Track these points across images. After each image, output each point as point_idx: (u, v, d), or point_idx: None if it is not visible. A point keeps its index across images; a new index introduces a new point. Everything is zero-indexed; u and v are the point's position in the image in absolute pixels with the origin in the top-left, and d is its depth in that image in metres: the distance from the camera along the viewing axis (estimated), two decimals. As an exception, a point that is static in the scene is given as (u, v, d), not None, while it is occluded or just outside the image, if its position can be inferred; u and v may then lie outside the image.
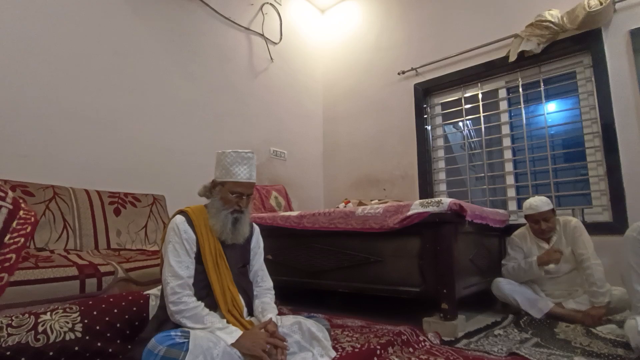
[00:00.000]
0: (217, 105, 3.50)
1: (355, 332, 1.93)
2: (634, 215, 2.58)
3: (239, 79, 3.73)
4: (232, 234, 1.51)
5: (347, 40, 4.51)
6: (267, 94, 3.99)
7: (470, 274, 2.38)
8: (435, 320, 2.04)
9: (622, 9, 2.76)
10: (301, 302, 2.69)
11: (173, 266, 1.37)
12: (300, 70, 4.46)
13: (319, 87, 4.66)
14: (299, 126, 4.35)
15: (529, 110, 3.31)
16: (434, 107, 3.84)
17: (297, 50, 4.44)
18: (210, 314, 1.35)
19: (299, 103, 4.38)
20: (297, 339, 1.43)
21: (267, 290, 1.65)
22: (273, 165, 3.97)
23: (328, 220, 2.51)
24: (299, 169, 4.26)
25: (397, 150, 3.91)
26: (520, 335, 2.00)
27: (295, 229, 2.67)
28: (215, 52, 3.54)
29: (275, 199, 3.70)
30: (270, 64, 4.07)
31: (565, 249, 2.44)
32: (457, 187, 3.64)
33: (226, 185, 1.50)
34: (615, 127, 2.74)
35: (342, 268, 2.46)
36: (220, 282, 1.45)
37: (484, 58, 3.37)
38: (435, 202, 2.09)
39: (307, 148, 4.42)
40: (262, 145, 3.87)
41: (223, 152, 1.52)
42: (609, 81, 2.79)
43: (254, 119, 3.82)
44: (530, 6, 3.10)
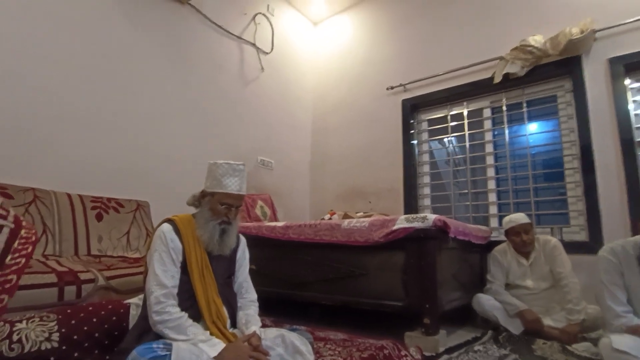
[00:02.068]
0: (207, 112, 3.49)
1: (337, 346, 1.93)
2: (609, 235, 2.67)
3: (229, 87, 3.73)
4: (219, 245, 1.50)
5: (338, 54, 4.58)
6: (257, 103, 4.00)
7: (453, 289, 2.41)
8: (417, 334, 2.05)
9: (601, 37, 2.89)
10: (284, 314, 2.67)
11: (158, 275, 1.36)
12: (291, 81, 4.49)
13: (309, 98, 4.70)
14: (287, 136, 4.36)
15: (512, 130, 3.40)
16: (421, 123, 3.91)
17: (289, 60, 4.48)
18: (193, 325, 1.33)
19: (288, 113, 4.40)
20: (280, 352, 1.42)
21: (251, 302, 1.64)
22: (260, 174, 3.97)
23: (314, 232, 2.52)
24: (286, 179, 4.26)
25: (383, 163, 3.96)
26: (499, 351, 2.03)
27: (280, 239, 2.66)
28: (207, 59, 3.54)
29: (261, 208, 3.69)
30: (261, 74, 4.09)
31: (544, 266, 2.51)
32: (441, 202, 3.70)
33: (216, 196, 1.50)
34: (592, 150, 2.84)
35: (326, 280, 2.47)
36: (205, 293, 1.44)
37: (470, 78, 3.47)
38: (420, 217, 2.12)
39: (294, 158, 4.43)
40: (250, 154, 3.86)
41: (215, 163, 1.52)
42: (587, 106, 2.90)
43: (243, 127, 3.82)
44: (516, 31, 3.21)
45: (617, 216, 2.69)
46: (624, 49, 2.79)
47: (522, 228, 2.54)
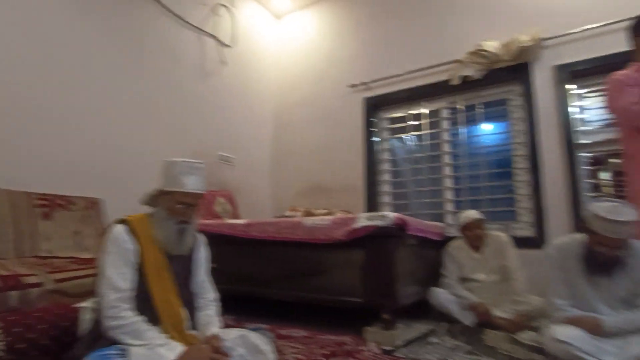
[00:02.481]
0: (164, 105, 3.36)
1: (299, 343, 1.95)
2: (553, 231, 2.87)
3: (188, 80, 3.62)
4: (177, 245, 1.47)
5: (301, 49, 4.56)
6: (217, 97, 3.91)
7: (410, 284, 2.49)
8: (376, 329, 2.11)
9: (548, 46, 3.08)
10: (245, 312, 2.66)
11: (111, 278, 1.30)
12: (253, 75, 4.42)
13: (271, 93, 4.65)
14: (249, 131, 4.30)
15: (468, 131, 3.55)
16: (382, 121, 3.99)
17: (250, 54, 4.40)
18: (150, 329, 1.29)
19: (250, 108, 4.34)
20: (241, 353, 1.41)
21: (211, 301, 1.61)
22: (220, 170, 3.89)
23: (276, 230, 2.51)
24: (247, 175, 4.21)
25: (345, 160, 4.00)
26: (453, 342, 2.14)
27: (242, 237, 2.63)
28: (164, 50, 3.41)
29: (222, 204, 3.62)
30: (222, 67, 3.99)
31: (494, 260, 2.67)
32: (400, 199, 3.81)
33: (172, 195, 1.45)
34: (539, 151, 3.03)
35: (288, 277, 2.48)
36: (163, 295, 1.40)
37: (430, 79, 3.58)
38: (380, 216, 2.18)
39: (256, 154, 4.38)
40: (210, 149, 3.77)
41: (172, 161, 1.47)
42: (535, 109, 3.09)
43: (202, 121, 3.72)
44: (472, 35, 3.35)
45: (560, 213, 2.90)
46: (569, 58, 2.99)
47: (475, 224, 2.68)
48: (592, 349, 1.65)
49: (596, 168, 3.02)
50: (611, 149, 2.84)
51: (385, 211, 3.69)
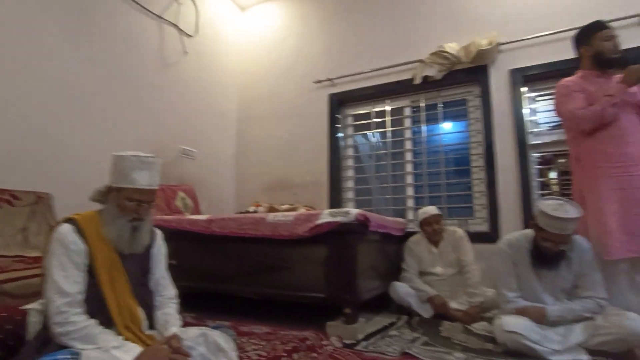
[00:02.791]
0: (121, 96, 3.21)
1: (261, 340, 1.94)
2: (505, 226, 3.03)
3: (147, 69, 3.47)
4: (130, 244, 1.40)
5: (266, 42, 4.50)
6: (178, 88, 3.78)
7: (372, 278, 2.55)
8: (338, 324, 2.14)
9: (505, 50, 3.22)
10: (206, 309, 2.61)
11: (58, 282, 1.23)
12: (216, 67, 4.31)
13: (234, 85, 4.56)
14: (211, 124, 4.20)
15: (429, 129, 3.66)
16: (347, 118, 4.03)
17: (214, 45, 4.29)
18: (104, 332, 1.24)
19: (212, 100, 4.23)
20: (202, 352, 1.38)
21: (170, 299, 1.57)
22: (181, 164, 3.77)
23: (238, 226, 2.48)
24: (209, 169, 4.11)
25: (309, 156, 4.01)
26: (412, 334, 2.20)
27: (203, 233, 2.58)
28: (121, 37, 3.24)
29: (182, 199, 3.52)
30: (183, 57, 3.86)
31: (451, 254, 2.79)
32: (363, 195, 3.87)
33: (123, 192, 1.37)
34: (494, 150, 3.18)
35: (250, 274, 2.46)
36: (116, 296, 1.34)
37: (393, 77, 3.65)
38: (343, 212, 2.20)
39: (219, 147, 4.29)
40: (171, 142, 3.65)
41: (121, 156, 1.38)
42: (491, 110, 3.23)
43: (162, 113, 3.58)
44: (435, 36, 3.45)
45: (512, 210, 3.06)
46: (523, 62, 3.15)
47: (434, 219, 2.79)
48: (538, 337, 1.78)
49: (545, 167, 3.22)
50: (559, 150, 3.04)
51: (349, 207, 3.75)
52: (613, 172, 2.04)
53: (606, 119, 2.06)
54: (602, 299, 1.87)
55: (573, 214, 1.80)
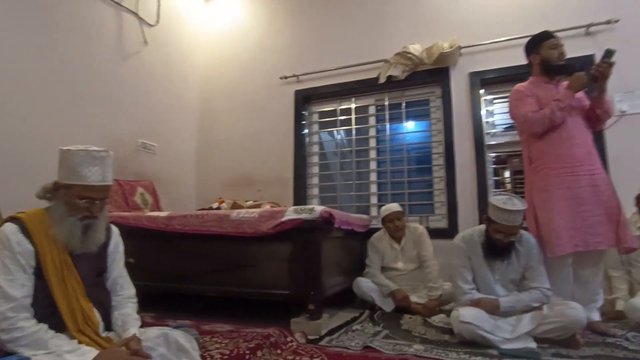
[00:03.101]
0: (75, 87, 3.03)
1: (224, 338, 1.92)
2: (463, 223, 3.16)
3: (104, 59, 3.30)
4: (82, 243, 1.33)
5: (231, 35, 4.40)
6: (137, 80, 3.63)
7: (336, 274, 2.59)
8: (302, 320, 2.16)
9: (465, 54, 3.35)
10: (167, 308, 2.54)
11: (3, 286, 1.15)
12: (178, 58, 4.17)
13: (197, 78, 4.43)
14: (172, 118, 4.07)
15: (392, 128, 3.75)
16: (312, 115, 4.03)
17: (176, 35, 4.15)
18: (56, 337, 1.17)
19: (174, 93, 4.10)
20: (162, 353, 1.34)
21: (128, 299, 1.51)
22: (140, 159, 3.63)
23: (200, 223, 2.43)
24: (170, 164, 3.99)
25: (274, 152, 3.98)
26: (374, 328, 2.26)
27: (163, 230, 2.50)
28: (76, 25, 3.06)
29: (141, 195, 3.39)
30: (143, 47, 3.71)
31: (412, 250, 2.88)
32: (328, 192, 3.90)
33: (73, 189, 1.30)
34: (454, 150, 3.31)
35: (213, 272, 2.42)
36: (68, 298, 1.27)
37: (359, 76, 3.69)
38: (308, 209, 2.21)
39: (180, 142, 4.16)
40: (129, 136, 3.50)
41: (68, 150, 1.30)
42: (452, 111, 3.35)
43: (120, 106, 3.42)
44: (399, 37, 3.53)
45: (469, 206, 3.20)
46: (481, 66, 3.30)
47: (395, 215, 2.87)
48: (491, 327, 1.90)
49: (500, 167, 3.38)
50: (513, 150, 3.21)
51: (314, 203, 3.78)
52: (561, 172, 2.18)
53: (555, 122, 2.20)
54: (547, 289, 2.03)
55: (519, 207, 1.97)
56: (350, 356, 1.76)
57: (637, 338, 1.99)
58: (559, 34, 2.56)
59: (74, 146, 1.31)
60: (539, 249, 2.12)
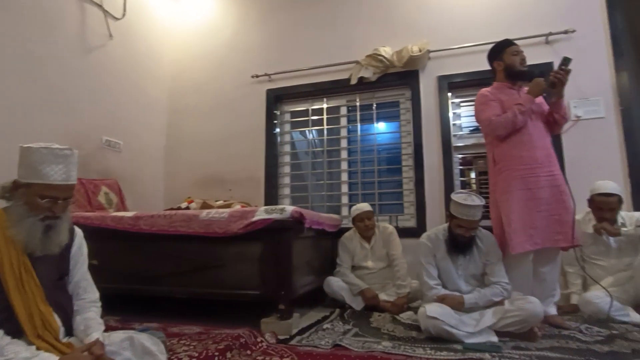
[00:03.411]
0: (34, 80, 2.87)
1: (192, 340, 1.89)
2: (431, 222, 3.24)
3: (66, 53, 3.15)
4: (42, 245, 1.28)
5: (201, 32, 4.32)
6: (102, 75, 3.49)
7: (306, 274, 2.60)
8: (272, 320, 2.15)
9: (434, 58, 3.44)
10: (132, 311, 2.47)
11: None
12: (146, 54, 4.05)
13: (166, 75, 4.32)
14: (139, 115, 3.94)
15: (363, 128, 3.80)
16: (284, 114, 4.02)
17: (143, 30, 4.02)
18: (13, 343, 1.12)
19: (141, 90, 3.98)
20: (127, 357, 1.31)
21: (91, 303, 1.46)
22: (105, 156, 3.50)
23: (168, 223, 2.38)
24: (136, 162, 3.86)
25: (245, 151, 3.94)
26: (344, 327, 2.28)
27: (129, 231, 2.43)
28: (36, 14, 2.90)
29: (106, 195, 3.27)
30: (108, 41, 3.58)
31: (382, 249, 2.94)
32: (299, 191, 3.90)
33: (33, 188, 1.25)
34: (422, 151, 3.39)
35: (181, 273, 2.37)
36: (26, 302, 1.22)
37: (331, 76, 3.72)
38: (278, 209, 2.21)
39: (147, 140, 4.04)
40: (92, 133, 3.37)
41: (29, 148, 1.25)
42: (421, 113, 3.44)
43: (83, 101, 3.28)
44: (371, 39, 3.58)
45: (437, 206, 3.29)
46: (449, 70, 3.40)
47: (366, 215, 2.92)
48: (455, 322, 1.97)
49: (466, 168, 3.50)
50: (478, 152, 3.33)
51: (285, 203, 3.78)
52: (523, 173, 2.29)
53: (517, 125, 2.31)
54: (507, 283, 2.14)
55: (478, 202, 2.10)
56: (320, 355, 1.77)
57: (589, 330, 2.12)
58: (521, 41, 2.69)
59: (36, 144, 1.27)
60: (497, 246, 2.24)
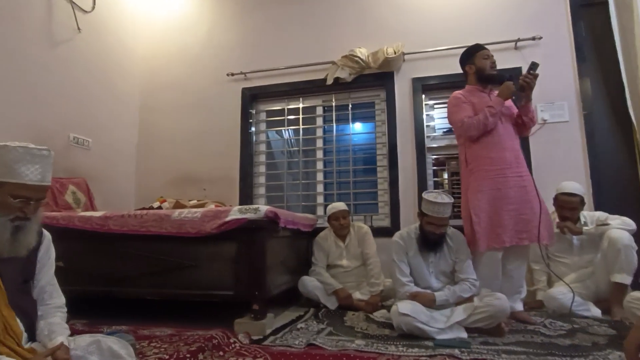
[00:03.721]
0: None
1: (164, 343, 1.85)
2: (405, 222, 3.29)
3: (31, 45, 3.01)
4: (10, 246, 1.24)
5: (176, 27, 4.22)
6: (70, 69, 3.37)
7: (281, 274, 2.59)
8: (246, 320, 2.14)
9: (408, 60, 3.50)
10: (100, 314, 2.39)
11: None
12: (117, 49, 3.93)
13: (138, 71, 4.21)
14: (109, 111, 3.82)
15: (339, 129, 3.82)
16: (260, 113, 3.99)
17: (114, 25, 3.90)
18: (-30, 348, 1.07)
19: (112, 86, 3.86)
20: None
21: (57, 308, 1.41)
22: (72, 154, 3.37)
23: (139, 224, 2.32)
24: (106, 161, 3.75)
25: (220, 150, 3.89)
26: (318, 326, 2.29)
27: (98, 231, 2.36)
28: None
29: (73, 194, 3.16)
30: (76, 35, 3.45)
31: (356, 248, 2.97)
32: (275, 191, 3.89)
33: (5, 187, 1.22)
34: (397, 151, 3.45)
35: (153, 274, 2.32)
36: (-13, 306, 1.17)
37: (307, 76, 3.72)
38: (252, 209, 2.19)
39: (118, 137, 3.93)
40: (59, 130, 3.24)
41: (5, 146, 1.22)
42: (395, 114, 3.49)
43: (49, 97, 3.15)
44: (347, 40, 3.61)
45: (411, 206, 3.34)
46: (423, 72, 3.46)
47: (341, 214, 2.94)
48: (427, 319, 2.03)
49: (439, 168, 3.58)
50: (450, 153, 3.41)
51: (260, 203, 3.76)
52: (493, 174, 2.37)
53: (488, 127, 2.38)
54: (475, 279, 2.22)
55: (447, 200, 2.18)
56: (294, 354, 1.77)
57: (553, 324, 2.21)
58: (492, 46, 2.78)
59: (12, 142, 1.24)
60: (467, 244, 2.32)
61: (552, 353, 1.74)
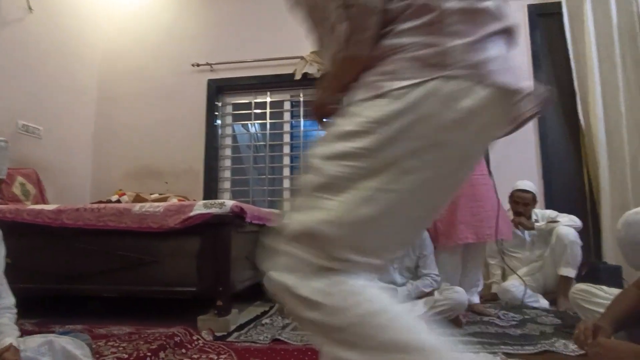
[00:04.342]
0: None
1: (122, 341, 1.78)
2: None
3: (-26, 23, 2.80)
4: None
5: (136, 13, 4.04)
6: (19, 52, 3.14)
7: (246, 269, 2.56)
8: (209, 317, 2.10)
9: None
10: (53, 313, 2.27)
11: None
12: (73, 33, 3.71)
13: (96, 58, 3.99)
14: (63, 99, 3.61)
15: (307, 124, 3.81)
16: (226, 106, 3.92)
17: (70, 7, 3.67)
18: None
19: (66, 72, 3.64)
20: (47, 362, 1.21)
21: (6, 309, 1.33)
22: (21, 143, 3.15)
23: (96, 218, 2.21)
24: (59, 151, 3.54)
25: (183, 143, 3.78)
26: (283, 321, 2.28)
27: (50, 225, 2.23)
28: None
29: (22, 185, 2.97)
30: (27, 15, 3.21)
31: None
32: (240, 185, 3.83)
33: None
34: (363, 148, 3.49)
35: (111, 270, 2.22)
36: None
37: (275, 70, 3.68)
38: (218, 203, 2.15)
39: (73, 126, 3.71)
40: (6, 116, 3.02)
41: None
42: (362, 111, 3.53)
43: (-4, 80, 2.94)
44: (315, 35, 3.59)
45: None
46: (389, 71, 3.52)
47: None
48: (390, 314, 2.05)
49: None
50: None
51: (225, 197, 3.69)
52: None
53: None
54: (437, 275, 2.30)
55: None
56: (258, 350, 1.76)
57: (506, 316, 2.34)
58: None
59: None
60: (430, 241, 2.38)
61: (505, 342, 1.84)
